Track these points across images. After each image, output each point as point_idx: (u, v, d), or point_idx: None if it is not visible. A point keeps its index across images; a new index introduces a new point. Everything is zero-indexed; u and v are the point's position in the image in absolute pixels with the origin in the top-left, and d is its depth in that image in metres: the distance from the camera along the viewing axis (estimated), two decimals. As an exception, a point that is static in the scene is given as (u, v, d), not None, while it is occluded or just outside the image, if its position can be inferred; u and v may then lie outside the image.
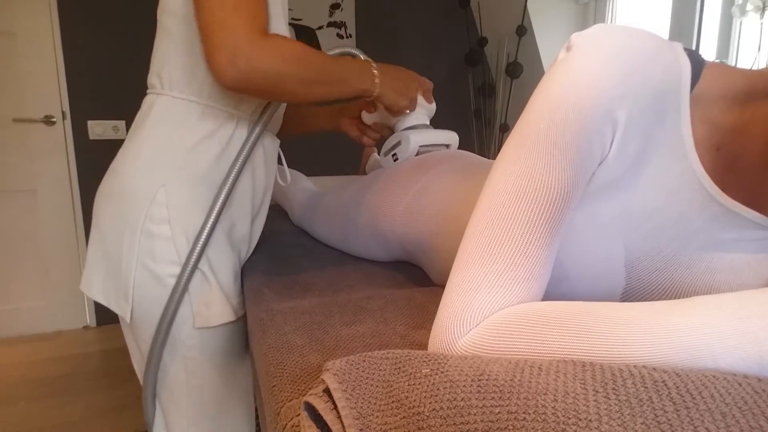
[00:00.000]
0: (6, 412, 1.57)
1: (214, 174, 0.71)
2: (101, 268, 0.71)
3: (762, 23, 1.39)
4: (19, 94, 2.02)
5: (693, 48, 1.44)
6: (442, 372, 0.27)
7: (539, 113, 0.35)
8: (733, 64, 1.55)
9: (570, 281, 0.41)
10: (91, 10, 2.06)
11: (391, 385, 0.27)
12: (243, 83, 0.60)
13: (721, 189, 0.37)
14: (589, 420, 0.22)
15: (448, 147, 0.84)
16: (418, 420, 0.24)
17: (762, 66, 1.40)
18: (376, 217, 0.71)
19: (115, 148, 0.73)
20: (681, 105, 0.35)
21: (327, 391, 0.28)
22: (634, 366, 0.26)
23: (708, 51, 1.61)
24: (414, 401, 0.25)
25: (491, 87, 2.51)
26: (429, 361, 0.28)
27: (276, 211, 1.27)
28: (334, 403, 0.27)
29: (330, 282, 0.67)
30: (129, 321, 0.70)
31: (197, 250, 0.68)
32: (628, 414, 0.22)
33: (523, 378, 0.25)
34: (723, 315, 0.26)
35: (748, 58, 1.51)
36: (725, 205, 0.37)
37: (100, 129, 2.14)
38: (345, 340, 0.46)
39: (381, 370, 0.28)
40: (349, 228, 0.79)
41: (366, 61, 0.74)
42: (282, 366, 0.41)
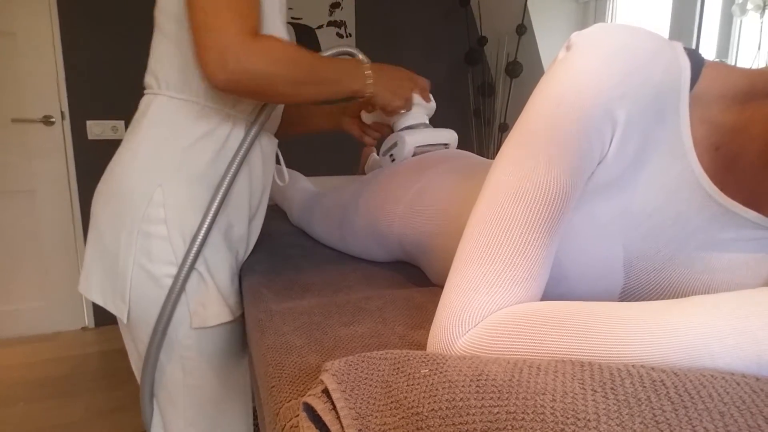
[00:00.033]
0: (5, 413, 1.57)
1: (211, 174, 0.71)
2: (99, 268, 0.70)
3: (762, 22, 1.39)
4: (18, 94, 2.02)
5: (693, 47, 1.44)
6: (440, 372, 0.27)
7: (539, 113, 0.35)
8: (733, 63, 1.55)
9: (569, 281, 0.41)
10: (91, 10, 2.06)
11: (390, 386, 0.27)
12: (233, 84, 0.60)
13: (720, 189, 0.37)
14: (588, 420, 0.22)
15: (446, 146, 0.84)
16: (416, 420, 0.24)
17: (762, 65, 1.40)
18: (375, 218, 0.71)
19: (114, 148, 0.73)
20: (680, 104, 0.35)
21: (326, 392, 0.28)
22: (632, 365, 0.26)
23: (708, 50, 1.61)
24: (413, 401, 0.25)
25: (491, 86, 2.51)
26: (428, 362, 0.28)
27: (275, 212, 1.27)
28: (333, 404, 0.27)
29: (329, 282, 0.67)
30: (126, 321, 0.70)
31: (194, 250, 0.68)
32: (626, 414, 0.22)
33: (522, 378, 0.25)
34: (721, 314, 0.26)
35: (748, 57, 1.51)
36: (724, 205, 0.36)
37: (98, 129, 2.14)
38: (344, 340, 0.46)
39: (380, 370, 0.28)
40: (348, 228, 0.79)
41: (358, 61, 0.74)
42: (281, 367, 0.41)
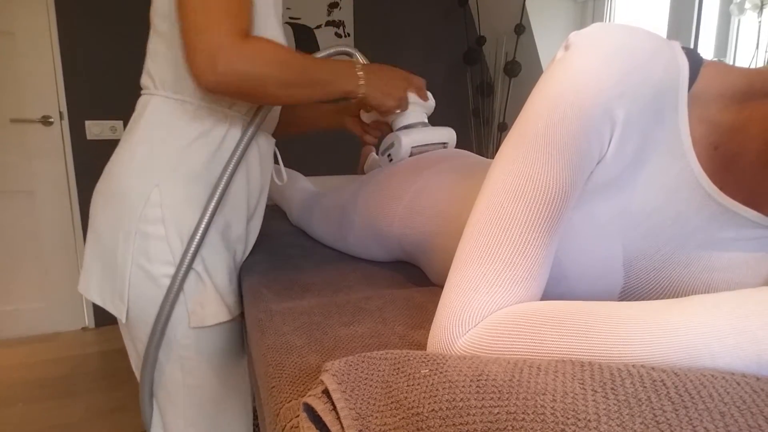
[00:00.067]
0: (5, 413, 1.57)
1: (208, 174, 0.71)
2: (97, 268, 0.71)
3: (760, 21, 1.39)
4: (17, 94, 2.02)
5: (691, 46, 1.44)
6: (441, 372, 0.27)
7: (537, 112, 0.35)
8: (731, 62, 1.55)
9: (568, 281, 0.41)
10: (89, 10, 2.05)
11: (390, 386, 0.27)
12: (222, 86, 0.60)
13: (719, 188, 0.37)
14: (588, 420, 0.22)
15: (445, 145, 0.84)
16: (417, 421, 0.24)
17: (760, 64, 1.40)
18: (374, 218, 0.71)
19: (113, 148, 0.73)
20: (679, 104, 0.35)
21: (326, 392, 0.28)
22: (632, 365, 0.26)
23: (706, 49, 1.61)
24: (413, 402, 0.25)
25: (489, 86, 2.51)
26: (428, 362, 0.28)
27: (274, 212, 1.27)
28: (333, 404, 0.27)
29: (329, 282, 0.67)
30: (124, 321, 0.71)
31: (191, 250, 0.68)
32: (627, 414, 0.22)
33: (522, 378, 0.25)
34: (721, 314, 0.26)
35: (746, 56, 1.51)
36: (723, 204, 0.37)
37: (97, 129, 2.13)
38: (344, 340, 0.46)
39: (380, 370, 0.28)
40: (348, 228, 0.79)
41: (350, 62, 0.73)
42: (281, 367, 0.41)
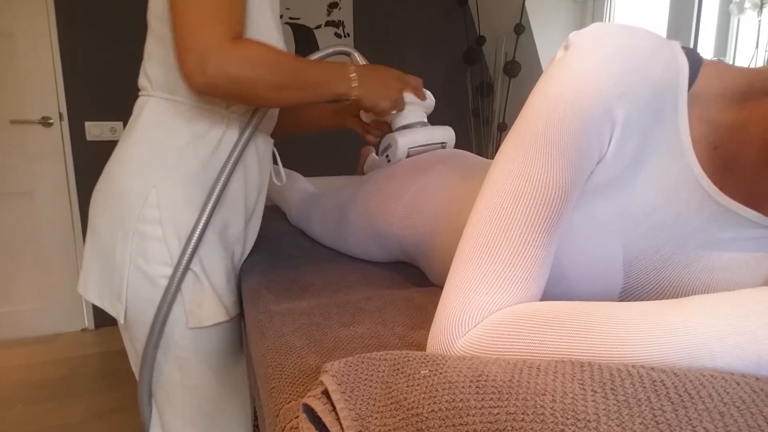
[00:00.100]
0: (4, 414, 1.57)
1: (205, 174, 0.71)
2: (96, 269, 0.71)
3: (760, 21, 1.39)
4: (17, 95, 2.02)
5: (691, 46, 1.44)
6: (440, 373, 0.27)
7: (537, 112, 0.35)
8: (731, 62, 1.55)
9: (568, 281, 0.41)
10: (89, 11, 2.05)
11: (390, 387, 0.27)
12: (213, 88, 0.60)
13: (719, 188, 0.36)
14: (588, 420, 0.22)
15: (443, 145, 0.84)
16: (416, 421, 0.24)
17: (760, 64, 1.40)
18: (374, 218, 0.71)
19: (113, 149, 0.73)
20: (679, 103, 0.35)
21: (326, 393, 0.28)
22: (632, 366, 0.26)
23: (706, 49, 1.61)
24: (413, 402, 0.25)
25: (489, 86, 2.51)
26: (427, 362, 0.28)
27: (274, 212, 1.26)
28: (332, 405, 0.27)
29: (328, 283, 0.67)
30: (123, 322, 0.71)
31: (189, 250, 0.68)
32: (626, 414, 0.22)
33: (522, 378, 0.25)
34: (721, 314, 0.26)
35: (745, 56, 1.51)
36: (723, 204, 0.36)
37: (97, 130, 2.14)
38: (344, 341, 0.46)
39: (380, 371, 0.28)
40: (347, 229, 0.79)
41: (344, 64, 0.73)
42: (281, 368, 0.41)
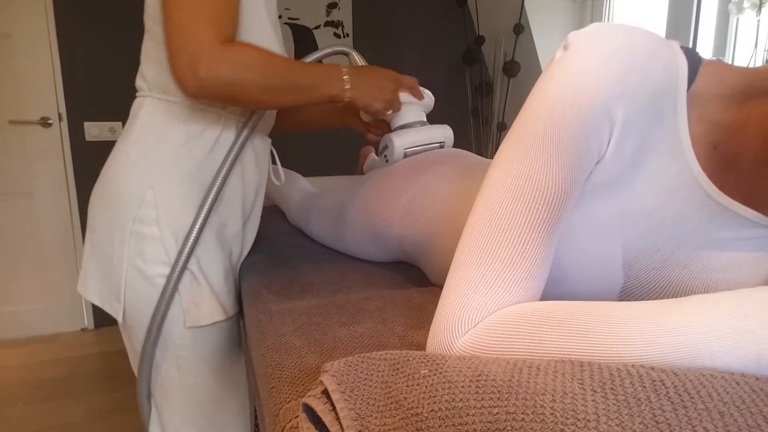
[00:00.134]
0: (4, 414, 1.57)
1: (202, 174, 0.71)
2: (95, 268, 0.71)
3: (758, 20, 1.39)
4: (16, 95, 2.01)
5: (690, 46, 1.44)
6: (440, 373, 0.27)
7: (536, 112, 0.35)
8: (730, 61, 1.55)
9: (568, 281, 0.41)
10: (87, 11, 2.05)
11: (390, 386, 0.27)
12: (204, 91, 0.60)
13: (719, 188, 0.37)
14: (588, 420, 0.22)
15: (442, 145, 0.84)
16: (416, 421, 0.24)
17: (759, 63, 1.40)
18: (373, 218, 0.71)
19: (112, 149, 0.73)
20: (678, 103, 0.35)
21: (325, 393, 0.28)
22: (632, 365, 0.26)
23: (705, 49, 1.61)
24: (412, 402, 0.25)
25: (488, 86, 2.51)
26: (427, 362, 0.28)
27: (273, 212, 1.26)
28: (332, 405, 0.27)
29: (328, 283, 0.67)
30: (121, 321, 0.71)
31: (186, 250, 0.68)
32: (626, 414, 0.22)
33: (522, 378, 0.25)
34: (720, 314, 0.26)
35: (744, 55, 1.51)
36: (722, 204, 0.36)
37: (96, 130, 2.13)
38: (343, 341, 0.46)
39: (379, 371, 0.28)
40: (347, 228, 0.79)
41: (337, 66, 0.72)
42: (280, 367, 0.41)
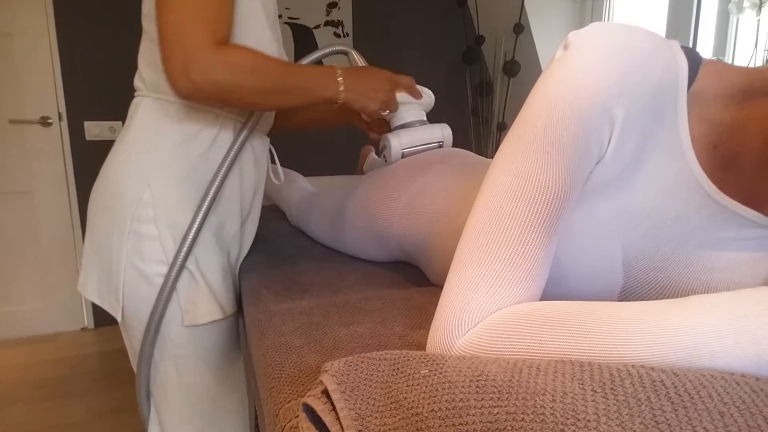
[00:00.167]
0: (4, 413, 1.57)
1: (199, 174, 0.72)
2: (94, 267, 0.72)
3: (759, 20, 1.39)
4: (16, 95, 2.01)
5: (690, 45, 1.44)
6: (440, 373, 0.27)
7: (536, 112, 0.35)
8: (730, 61, 1.55)
9: (568, 281, 0.41)
10: (87, 11, 2.05)
11: (390, 386, 0.27)
12: (197, 93, 0.60)
13: (719, 187, 0.36)
14: (588, 420, 0.22)
15: (441, 144, 0.84)
16: (416, 421, 0.24)
17: (759, 63, 1.40)
18: (373, 218, 0.71)
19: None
20: (678, 103, 0.35)
21: (325, 392, 0.28)
22: (632, 366, 0.26)
23: (705, 48, 1.61)
24: (412, 402, 0.25)
25: (489, 85, 2.51)
26: (427, 362, 0.28)
27: (273, 212, 1.26)
28: (332, 405, 0.27)
29: (328, 282, 0.67)
30: (120, 320, 0.72)
31: (184, 249, 0.68)
32: (626, 414, 0.22)
33: (522, 378, 0.25)
34: (720, 314, 0.26)
35: (744, 55, 1.51)
36: (723, 204, 0.36)
37: (96, 130, 2.13)
38: (343, 340, 0.46)
39: (379, 371, 0.28)
40: (347, 228, 0.79)
41: (331, 68, 0.72)
42: (280, 367, 0.41)
